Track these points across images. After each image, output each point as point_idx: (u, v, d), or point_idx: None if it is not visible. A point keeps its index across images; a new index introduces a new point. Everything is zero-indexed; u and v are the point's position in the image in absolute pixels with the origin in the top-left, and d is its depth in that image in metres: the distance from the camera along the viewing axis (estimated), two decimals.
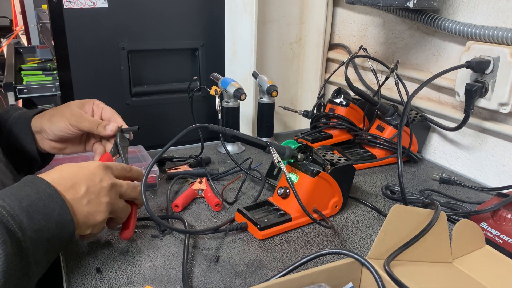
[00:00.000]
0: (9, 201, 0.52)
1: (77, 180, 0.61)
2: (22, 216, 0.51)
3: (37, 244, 0.53)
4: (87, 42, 1.15)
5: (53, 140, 0.79)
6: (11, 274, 0.48)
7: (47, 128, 0.77)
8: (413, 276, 0.59)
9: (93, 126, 0.77)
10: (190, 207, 0.86)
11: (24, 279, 0.52)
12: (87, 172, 0.62)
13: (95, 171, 0.63)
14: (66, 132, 0.77)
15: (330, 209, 0.83)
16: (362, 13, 1.32)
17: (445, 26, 1.00)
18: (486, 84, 0.94)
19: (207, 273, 0.66)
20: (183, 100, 1.25)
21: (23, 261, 0.51)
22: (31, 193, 0.55)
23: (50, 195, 0.56)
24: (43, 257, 0.54)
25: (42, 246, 0.54)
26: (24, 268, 0.51)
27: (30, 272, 0.52)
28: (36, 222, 0.53)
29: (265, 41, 1.35)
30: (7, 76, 1.91)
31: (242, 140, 0.77)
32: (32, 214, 0.53)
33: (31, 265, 0.52)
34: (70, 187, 0.59)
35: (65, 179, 0.60)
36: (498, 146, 1.00)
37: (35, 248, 0.52)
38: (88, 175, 0.62)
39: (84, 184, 0.61)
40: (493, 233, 0.74)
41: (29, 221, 0.52)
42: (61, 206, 0.56)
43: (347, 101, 1.19)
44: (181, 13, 1.24)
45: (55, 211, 0.55)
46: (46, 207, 0.55)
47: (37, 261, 0.53)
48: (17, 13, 3.18)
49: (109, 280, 0.64)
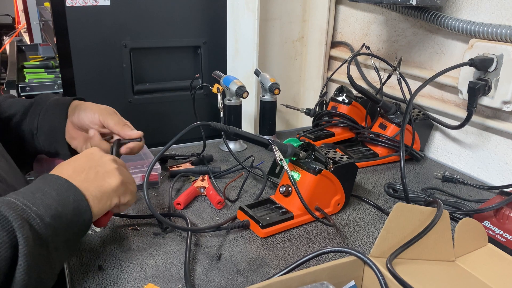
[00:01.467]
0: (22, 194, 0.54)
1: (76, 164, 0.62)
2: (37, 204, 0.53)
3: (56, 230, 0.53)
4: (89, 40, 1.15)
5: (74, 123, 0.80)
6: (33, 258, 0.49)
7: (78, 110, 0.79)
8: (415, 274, 0.59)
9: (119, 124, 0.78)
10: (192, 205, 0.86)
11: (46, 267, 0.52)
12: (84, 155, 0.65)
13: (92, 151, 0.66)
14: (89, 121, 0.78)
15: (332, 207, 0.83)
16: (364, 11, 1.31)
17: (448, 24, 1.00)
18: (489, 82, 0.93)
19: (209, 271, 0.66)
20: (185, 98, 1.25)
21: (43, 247, 0.51)
22: (42, 186, 0.56)
23: (62, 185, 0.57)
24: (62, 244, 0.55)
25: (61, 233, 0.54)
26: (46, 256, 0.52)
27: (51, 260, 0.53)
28: (53, 208, 0.54)
29: (268, 39, 1.35)
30: (9, 73, 1.91)
31: (245, 138, 0.77)
32: (47, 202, 0.54)
33: (51, 253, 0.53)
34: (73, 172, 0.60)
35: (66, 168, 0.61)
36: (501, 145, 1.00)
37: (54, 235, 0.53)
38: (86, 156, 0.65)
39: (86, 163, 0.63)
40: (496, 232, 0.74)
41: (45, 208, 0.53)
42: (75, 193, 0.57)
43: (349, 99, 1.19)
44: (183, 10, 1.24)
45: (70, 198, 0.57)
46: (60, 195, 0.56)
47: (57, 248, 0.54)
48: (20, 11, 3.18)
49: (111, 278, 0.64)
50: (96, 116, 0.78)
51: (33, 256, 0.49)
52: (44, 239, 0.51)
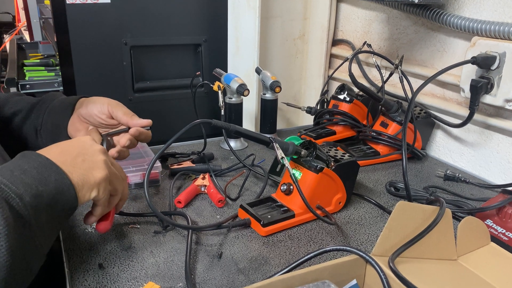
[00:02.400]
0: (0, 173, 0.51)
1: (66, 147, 0.61)
2: (16, 183, 0.51)
3: (38, 210, 0.52)
4: (90, 38, 1.15)
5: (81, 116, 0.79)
6: (15, 239, 0.47)
7: (85, 103, 0.79)
8: (417, 273, 0.58)
9: (128, 114, 0.78)
10: (193, 203, 0.86)
11: (31, 248, 0.51)
12: (76, 140, 0.64)
13: (84, 139, 0.64)
14: (98, 111, 0.78)
15: (333, 205, 0.83)
16: (366, 8, 1.31)
17: (450, 22, 1.00)
18: (491, 80, 0.93)
19: (210, 269, 0.66)
20: (186, 96, 1.25)
21: (26, 227, 0.50)
22: (22, 163, 0.54)
23: (42, 164, 0.55)
24: (46, 224, 0.53)
25: (44, 212, 0.53)
26: (29, 236, 0.50)
27: (36, 240, 0.52)
28: (33, 187, 0.52)
29: (269, 37, 1.34)
30: (9, 71, 1.91)
31: (246, 136, 0.77)
32: (27, 180, 0.52)
33: (35, 232, 0.51)
34: (60, 153, 0.59)
35: (53, 148, 0.60)
36: (503, 143, 0.99)
37: (37, 214, 0.51)
38: (78, 141, 0.63)
39: (75, 148, 0.61)
40: (498, 230, 0.74)
41: (25, 187, 0.51)
42: (56, 172, 0.55)
43: (350, 97, 1.19)
44: (184, 8, 1.23)
45: (51, 177, 0.54)
46: (40, 174, 0.54)
47: (41, 227, 0.52)
48: (20, 9, 3.17)
49: (112, 276, 0.63)
50: (105, 106, 0.78)
51: (15, 237, 0.47)
52: (25, 219, 0.50)
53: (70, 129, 0.81)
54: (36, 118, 0.81)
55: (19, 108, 0.81)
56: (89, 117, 0.79)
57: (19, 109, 0.81)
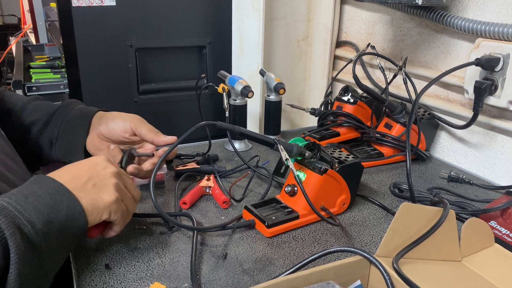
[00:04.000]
0: (15, 198, 0.53)
1: (78, 171, 0.62)
2: (29, 210, 0.52)
3: (48, 236, 0.53)
4: (95, 40, 1.16)
5: (101, 134, 0.79)
6: (24, 266, 0.49)
7: (105, 120, 0.78)
8: (421, 274, 0.59)
9: (151, 132, 0.78)
10: (198, 204, 0.86)
11: (39, 273, 0.52)
12: (89, 163, 0.64)
13: (98, 161, 0.64)
14: (123, 130, 0.77)
15: (337, 207, 0.83)
16: (370, 10, 1.31)
17: (454, 23, 1.00)
18: (495, 82, 0.93)
19: (215, 270, 0.66)
20: (191, 98, 1.26)
21: (35, 254, 0.51)
22: (37, 189, 0.56)
23: (57, 189, 0.57)
24: (56, 249, 0.55)
25: (55, 238, 0.54)
26: (38, 262, 0.52)
27: (45, 265, 0.53)
28: (45, 214, 0.53)
29: (272, 39, 1.35)
30: (16, 74, 1.92)
31: (250, 138, 0.77)
32: (40, 207, 0.53)
33: (44, 259, 0.53)
34: (72, 178, 0.60)
35: (67, 173, 0.61)
36: (507, 144, 0.99)
37: (47, 240, 0.53)
38: (90, 165, 0.64)
39: (87, 172, 0.62)
40: (502, 232, 0.74)
41: (37, 214, 0.53)
42: (68, 199, 0.57)
43: (354, 99, 1.19)
44: (188, 10, 1.24)
45: (64, 203, 0.56)
46: (53, 200, 0.55)
47: (50, 253, 0.54)
48: (26, 11, 3.20)
49: (118, 277, 0.64)
50: (127, 124, 0.77)
51: (24, 263, 0.49)
52: (36, 246, 0.51)
53: (90, 148, 0.81)
54: (52, 131, 0.80)
55: (36, 118, 0.81)
56: (111, 135, 0.79)
57: (36, 119, 0.81)
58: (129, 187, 0.67)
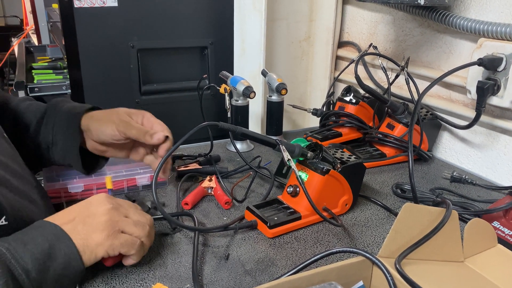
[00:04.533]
0: (14, 244, 0.54)
1: (73, 213, 0.61)
2: (26, 258, 0.53)
3: (42, 285, 0.54)
4: (97, 41, 1.16)
5: (96, 141, 0.79)
6: None
7: (93, 129, 0.77)
8: (424, 275, 0.58)
9: (140, 134, 0.76)
10: (200, 205, 0.86)
11: None
12: (85, 203, 0.63)
13: (92, 200, 0.64)
14: (112, 137, 0.76)
15: (340, 207, 0.83)
16: (372, 10, 1.31)
17: (456, 23, 0.99)
18: (498, 82, 0.92)
19: (217, 271, 0.66)
20: (193, 99, 1.26)
21: None
22: (37, 235, 0.56)
23: (56, 235, 0.57)
24: None
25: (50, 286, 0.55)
26: None
27: None
28: (41, 263, 0.54)
29: (274, 39, 1.35)
30: (18, 75, 1.92)
31: (252, 138, 0.77)
32: (37, 255, 0.54)
33: None
34: (68, 220, 0.60)
35: (66, 215, 0.61)
36: (510, 144, 0.99)
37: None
38: (86, 203, 0.63)
39: (80, 212, 0.61)
40: (505, 232, 0.74)
41: (33, 262, 0.53)
42: (67, 245, 0.57)
43: (357, 99, 1.19)
44: (190, 11, 1.24)
45: (61, 251, 0.56)
46: (52, 248, 0.56)
47: None
48: (28, 12, 3.20)
49: (120, 277, 0.64)
50: (115, 131, 0.76)
51: None
52: None
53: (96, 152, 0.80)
54: (47, 135, 0.79)
55: (27, 121, 0.80)
56: (105, 142, 0.78)
57: (28, 123, 0.80)
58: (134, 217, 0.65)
